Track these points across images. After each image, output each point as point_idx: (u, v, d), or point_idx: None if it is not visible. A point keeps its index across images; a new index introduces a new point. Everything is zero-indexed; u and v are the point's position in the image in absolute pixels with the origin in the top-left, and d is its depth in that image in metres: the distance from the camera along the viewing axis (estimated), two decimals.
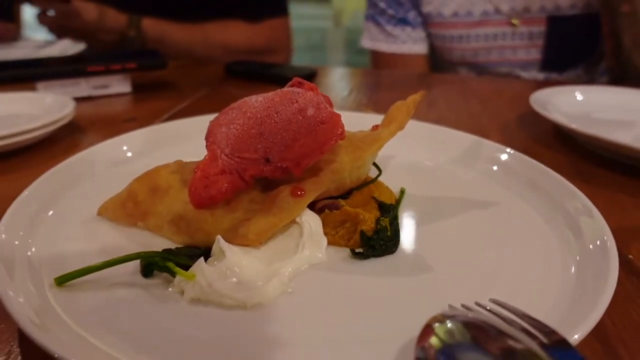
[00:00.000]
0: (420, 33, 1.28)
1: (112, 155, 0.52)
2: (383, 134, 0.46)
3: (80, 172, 0.48)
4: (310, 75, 0.99)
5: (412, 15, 1.26)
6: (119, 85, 0.90)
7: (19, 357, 0.32)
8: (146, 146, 0.55)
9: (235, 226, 0.38)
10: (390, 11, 1.28)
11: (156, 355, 0.29)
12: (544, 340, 0.26)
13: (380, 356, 0.29)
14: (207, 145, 0.41)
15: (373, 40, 1.33)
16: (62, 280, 0.34)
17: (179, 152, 0.47)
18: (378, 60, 1.36)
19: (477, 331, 0.27)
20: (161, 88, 0.95)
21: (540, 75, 1.19)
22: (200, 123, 0.54)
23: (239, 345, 0.30)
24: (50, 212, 0.43)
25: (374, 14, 1.32)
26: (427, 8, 1.23)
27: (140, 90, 0.92)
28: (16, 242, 0.38)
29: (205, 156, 0.40)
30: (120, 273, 0.36)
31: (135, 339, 0.30)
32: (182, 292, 0.34)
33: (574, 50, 1.19)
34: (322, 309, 0.34)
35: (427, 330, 0.27)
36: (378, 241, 0.39)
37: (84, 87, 0.87)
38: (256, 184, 0.41)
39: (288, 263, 0.37)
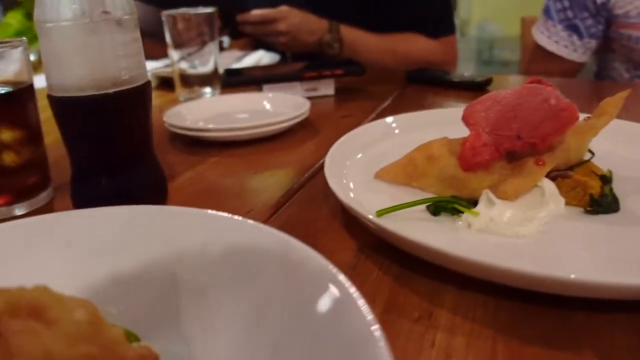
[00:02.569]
0: (587, 43, 1.34)
1: (380, 130, 0.69)
2: (598, 123, 0.57)
3: (358, 143, 0.65)
4: (487, 82, 1.11)
5: (588, 23, 1.32)
6: (325, 88, 1.08)
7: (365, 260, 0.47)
8: (410, 126, 0.72)
9: (494, 185, 0.52)
10: (569, 13, 1.33)
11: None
12: None
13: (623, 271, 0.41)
14: (469, 126, 0.55)
15: (539, 31, 1.41)
16: (381, 213, 0.49)
17: (430, 133, 0.62)
18: (535, 51, 1.43)
19: None
20: (358, 92, 1.12)
21: None
22: (433, 114, 0.70)
23: (512, 260, 0.42)
24: (344, 171, 0.59)
25: (551, 7, 1.38)
26: (619, 11, 1.29)
27: (340, 93, 1.09)
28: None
29: (469, 134, 0.54)
30: (414, 212, 0.51)
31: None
32: (469, 225, 0.48)
33: None
34: (569, 241, 0.46)
35: None
36: (604, 202, 0.51)
37: (299, 89, 1.06)
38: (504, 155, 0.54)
39: (539, 212, 0.49)
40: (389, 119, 0.72)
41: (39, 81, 0.60)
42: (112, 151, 0.53)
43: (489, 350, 0.35)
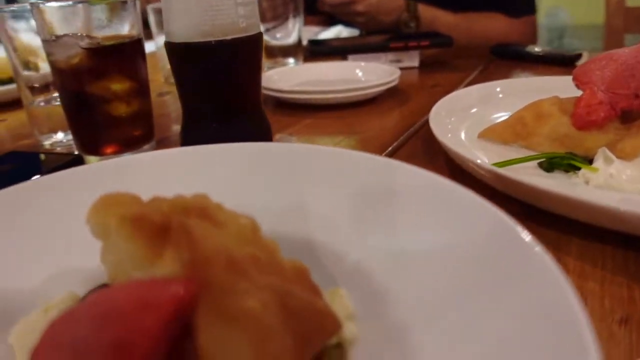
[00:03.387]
0: None
1: (485, 93, 0.68)
2: None
3: (460, 104, 0.64)
4: (577, 57, 1.07)
5: None
6: (410, 60, 1.07)
7: None
8: (515, 90, 0.71)
9: (610, 143, 0.50)
10: None
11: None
12: None
13: None
14: (581, 85, 0.53)
15: None
16: (501, 165, 0.48)
17: (534, 98, 0.60)
18: None
19: None
20: (442, 65, 1.11)
21: None
22: (536, 82, 0.69)
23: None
24: (449, 126, 0.59)
25: None
26: None
27: (424, 66, 1.08)
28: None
29: (584, 92, 0.53)
30: (526, 169, 0.50)
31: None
32: (586, 182, 0.47)
33: None
34: None
35: None
36: None
37: (383, 60, 1.05)
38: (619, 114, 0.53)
39: None
40: (492, 83, 0.71)
41: None
42: (226, 98, 0.54)
43: (626, 295, 0.34)
